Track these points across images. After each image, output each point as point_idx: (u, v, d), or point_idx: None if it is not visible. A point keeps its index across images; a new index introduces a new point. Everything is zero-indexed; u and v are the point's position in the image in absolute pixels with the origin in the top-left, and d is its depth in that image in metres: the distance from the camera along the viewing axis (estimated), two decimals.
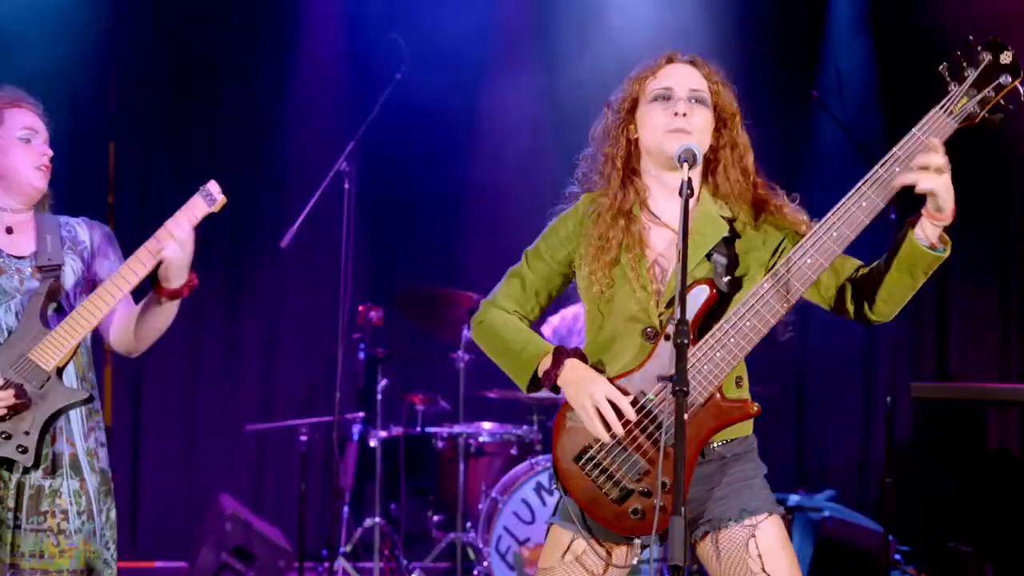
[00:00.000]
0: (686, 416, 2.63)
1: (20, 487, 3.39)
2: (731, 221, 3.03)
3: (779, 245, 3.03)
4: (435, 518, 6.70)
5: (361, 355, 7.03)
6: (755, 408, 2.92)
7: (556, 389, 2.99)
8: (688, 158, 2.84)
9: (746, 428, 3.02)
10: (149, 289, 3.44)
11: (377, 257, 7.95)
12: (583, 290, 3.10)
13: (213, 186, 3.39)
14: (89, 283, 3.58)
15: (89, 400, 3.47)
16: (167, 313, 3.49)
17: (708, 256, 2.98)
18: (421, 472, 6.88)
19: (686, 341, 2.61)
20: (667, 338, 2.89)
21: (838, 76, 6.80)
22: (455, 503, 6.44)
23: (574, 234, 3.11)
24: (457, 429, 6.56)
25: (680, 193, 2.76)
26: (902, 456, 6.90)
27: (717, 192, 3.08)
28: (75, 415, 3.48)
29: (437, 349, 7.08)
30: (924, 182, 2.73)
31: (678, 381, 2.58)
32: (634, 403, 2.90)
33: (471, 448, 6.53)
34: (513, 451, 6.54)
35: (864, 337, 7.57)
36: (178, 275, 3.38)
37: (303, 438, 6.60)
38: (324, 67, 7.92)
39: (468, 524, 6.39)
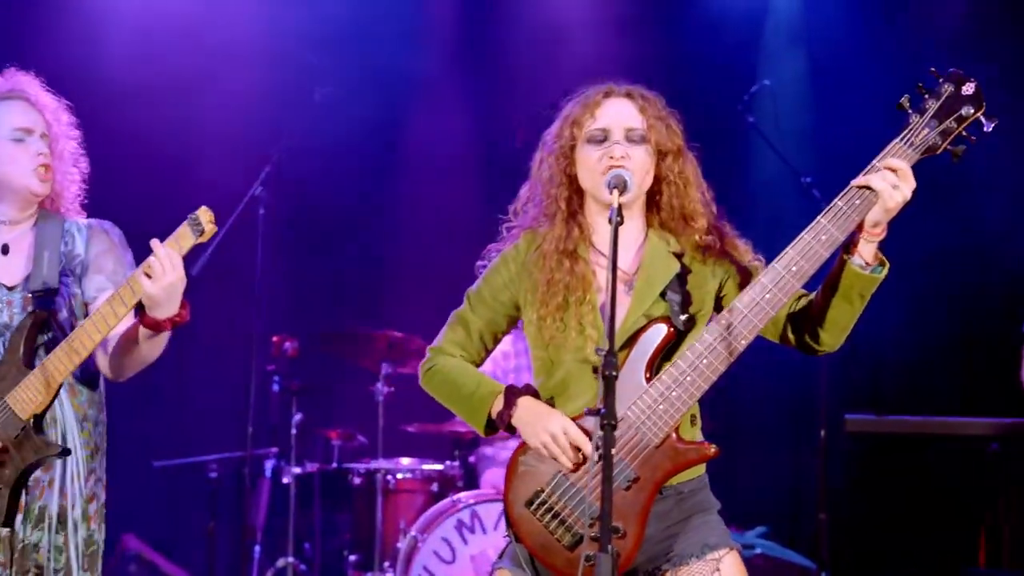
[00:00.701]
0: (641, 457, 2.75)
1: (6, 541, 3.12)
2: (679, 256, 3.02)
3: (726, 278, 3.03)
4: (351, 557, 6.51)
5: (275, 387, 6.86)
6: (712, 450, 2.91)
7: (511, 429, 2.97)
8: (618, 184, 2.84)
9: (699, 468, 3.02)
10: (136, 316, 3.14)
11: (293, 286, 7.73)
12: (532, 335, 3.07)
13: (204, 214, 3.10)
14: (80, 303, 3.30)
15: (65, 453, 3.17)
16: (153, 345, 3.20)
17: (663, 295, 2.96)
18: (337, 509, 6.78)
19: (614, 373, 2.58)
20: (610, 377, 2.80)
21: (773, 99, 6.63)
22: (372, 541, 6.26)
23: (517, 276, 3.09)
24: (375, 464, 6.38)
25: (610, 221, 2.73)
26: (836, 491, 6.82)
27: (663, 226, 3.07)
28: (72, 461, 3.21)
29: (355, 382, 6.88)
30: (877, 182, 2.74)
31: (606, 415, 2.54)
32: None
33: (390, 484, 6.35)
34: (434, 487, 6.38)
35: (798, 370, 7.46)
36: (160, 307, 3.07)
37: (213, 474, 6.51)
38: (241, 88, 7.65)
39: (386, 564, 6.20)
